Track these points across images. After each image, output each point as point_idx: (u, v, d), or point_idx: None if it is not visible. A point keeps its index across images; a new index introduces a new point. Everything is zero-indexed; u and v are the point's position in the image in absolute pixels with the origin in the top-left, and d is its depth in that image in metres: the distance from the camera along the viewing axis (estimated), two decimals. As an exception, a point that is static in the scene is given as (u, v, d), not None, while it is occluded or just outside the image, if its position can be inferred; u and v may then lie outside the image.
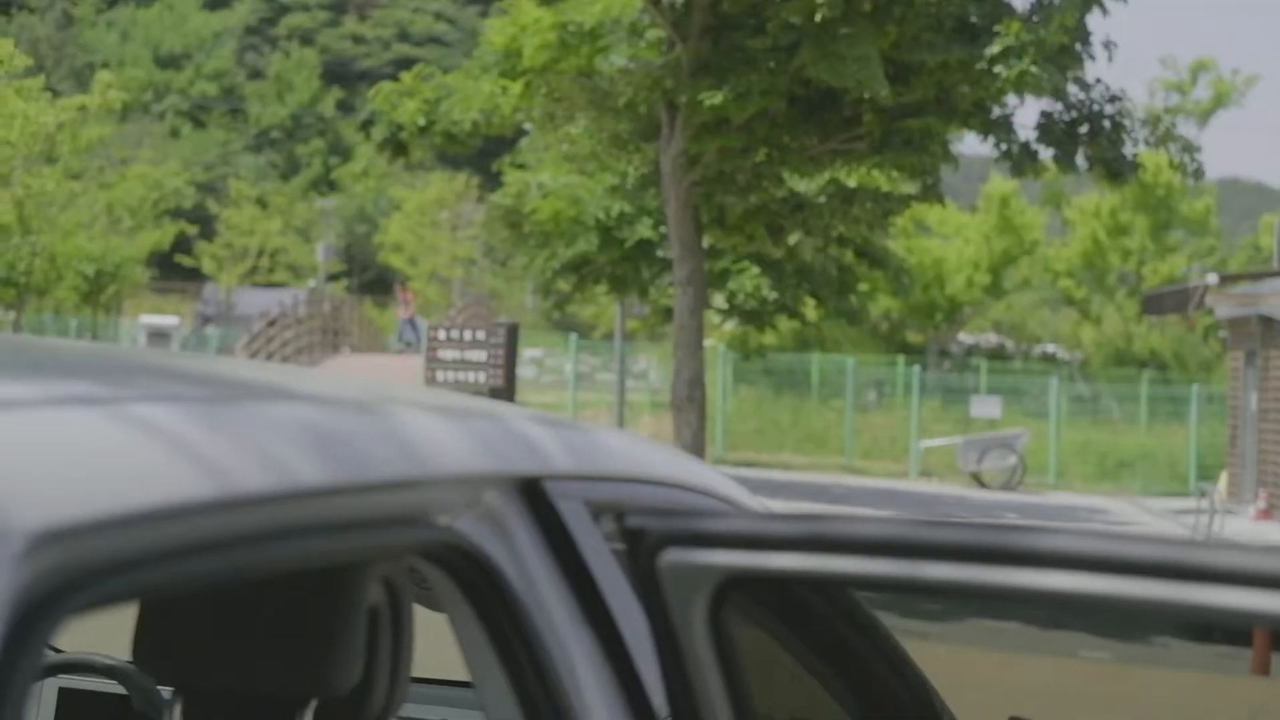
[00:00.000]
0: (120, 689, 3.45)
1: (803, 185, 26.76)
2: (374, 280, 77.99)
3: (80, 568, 1.23)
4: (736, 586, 1.76)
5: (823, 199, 26.52)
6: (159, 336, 49.01)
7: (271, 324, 42.96)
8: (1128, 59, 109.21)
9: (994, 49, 22.46)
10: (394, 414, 1.80)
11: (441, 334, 24.69)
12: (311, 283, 65.09)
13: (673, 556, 1.74)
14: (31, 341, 1.97)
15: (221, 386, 1.70)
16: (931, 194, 26.16)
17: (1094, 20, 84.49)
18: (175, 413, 1.42)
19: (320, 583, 1.86)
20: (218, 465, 1.37)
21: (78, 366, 1.71)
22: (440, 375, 23.78)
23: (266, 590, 1.87)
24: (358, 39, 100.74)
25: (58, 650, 3.38)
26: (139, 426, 1.34)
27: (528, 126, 29.29)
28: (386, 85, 27.74)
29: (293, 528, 1.49)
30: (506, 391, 23.06)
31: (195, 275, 68.99)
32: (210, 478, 1.35)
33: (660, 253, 31.54)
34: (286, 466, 1.47)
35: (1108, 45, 24.31)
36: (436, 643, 2.34)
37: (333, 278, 70.63)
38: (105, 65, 47.08)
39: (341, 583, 1.86)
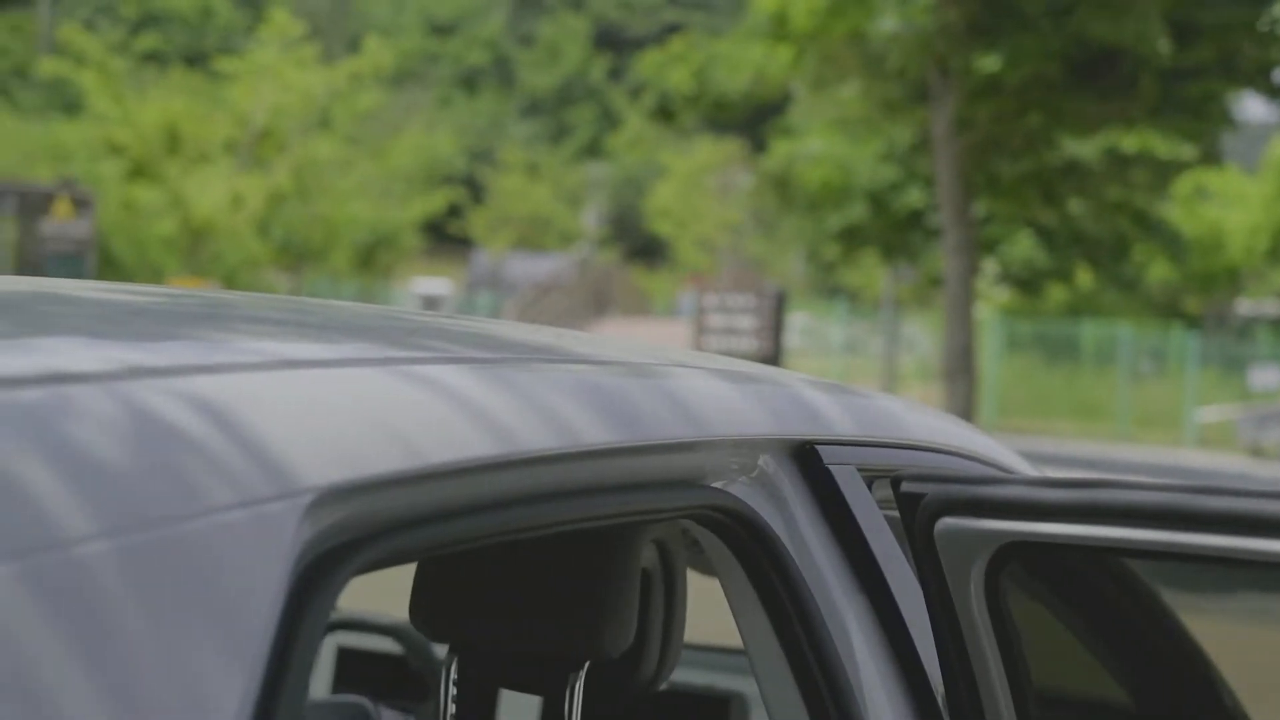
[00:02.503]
0: (397, 648, 3.52)
1: (1077, 150, 26.28)
2: (641, 246, 78.26)
3: (365, 525, 1.25)
4: (1012, 554, 1.74)
5: (1099, 164, 26.03)
6: (431, 302, 49.77)
7: (544, 291, 43.48)
8: None
9: (1278, 10, 21.83)
10: (672, 376, 1.81)
11: (710, 300, 24.71)
12: (580, 249, 65.58)
13: (949, 523, 1.72)
14: (317, 304, 2.01)
15: (502, 348, 1.71)
16: (1210, 158, 25.55)
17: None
18: (460, 373, 1.44)
19: (595, 544, 1.87)
20: (501, 425, 1.39)
21: (362, 328, 1.74)
22: (708, 341, 23.81)
23: (542, 551, 1.88)
24: (626, 5, 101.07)
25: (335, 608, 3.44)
26: (425, 386, 1.36)
27: (795, 91, 29.20)
28: (655, 53, 27.84)
29: (572, 487, 1.50)
30: (774, 358, 23.01)
31: (465, 242, 69.91)
32: (494, 437, 1.37)
33: (930, 220, 31.21)
34: (567, 427, 1.48)
35: None
36: (709, 607, 2.34)
37: (600, 244, 71.13)
38: (379, 33, 48.01)
39: (616, 544, 1.86)
